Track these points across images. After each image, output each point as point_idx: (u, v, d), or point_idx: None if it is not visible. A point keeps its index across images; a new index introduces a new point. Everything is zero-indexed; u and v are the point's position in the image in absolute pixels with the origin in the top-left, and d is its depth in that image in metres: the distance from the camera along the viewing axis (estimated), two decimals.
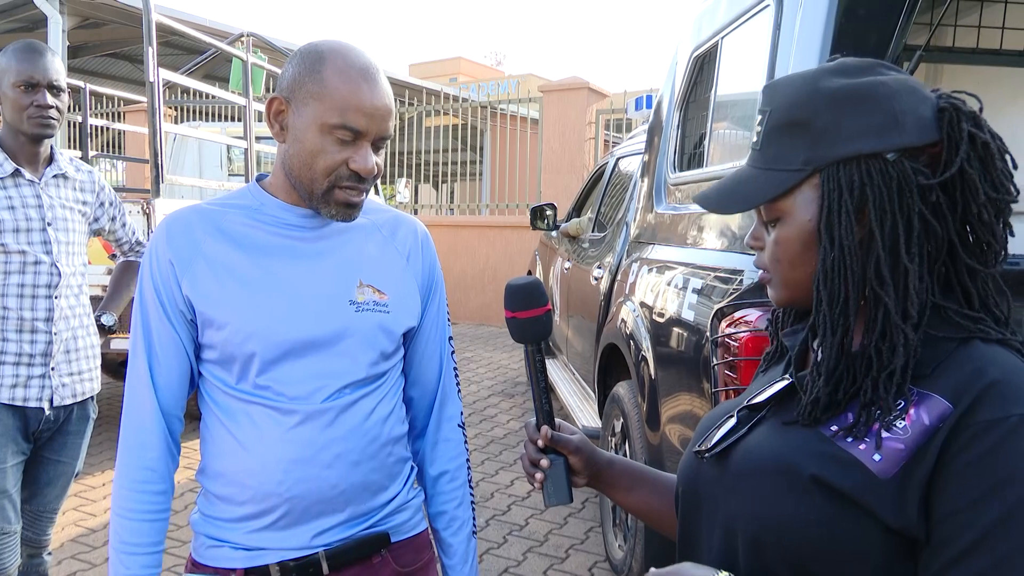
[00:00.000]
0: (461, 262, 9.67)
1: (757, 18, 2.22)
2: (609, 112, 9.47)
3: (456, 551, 1.33)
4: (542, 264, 5.93)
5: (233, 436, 1.14)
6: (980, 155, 0.74)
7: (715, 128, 2.53)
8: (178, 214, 1.17)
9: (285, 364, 1.13)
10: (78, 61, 12.40)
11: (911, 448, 0.70)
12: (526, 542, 3.38)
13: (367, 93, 1.09)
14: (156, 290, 1.14)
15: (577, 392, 4.37)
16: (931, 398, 0.71)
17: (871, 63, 0.79)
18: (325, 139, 1.09)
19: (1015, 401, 0.68)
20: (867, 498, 0.71)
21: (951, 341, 0.74)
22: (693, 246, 2.50)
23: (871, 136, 0.75)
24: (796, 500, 0.75)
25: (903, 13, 1.77)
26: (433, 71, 36.90)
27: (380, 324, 1.18)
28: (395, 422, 1.24)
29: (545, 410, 1.04)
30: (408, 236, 1.28)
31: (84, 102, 5.03)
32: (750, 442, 0.84)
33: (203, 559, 1.18)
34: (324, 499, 1.14)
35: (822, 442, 0.76)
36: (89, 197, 2.28)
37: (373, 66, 1.12)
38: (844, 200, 0.76)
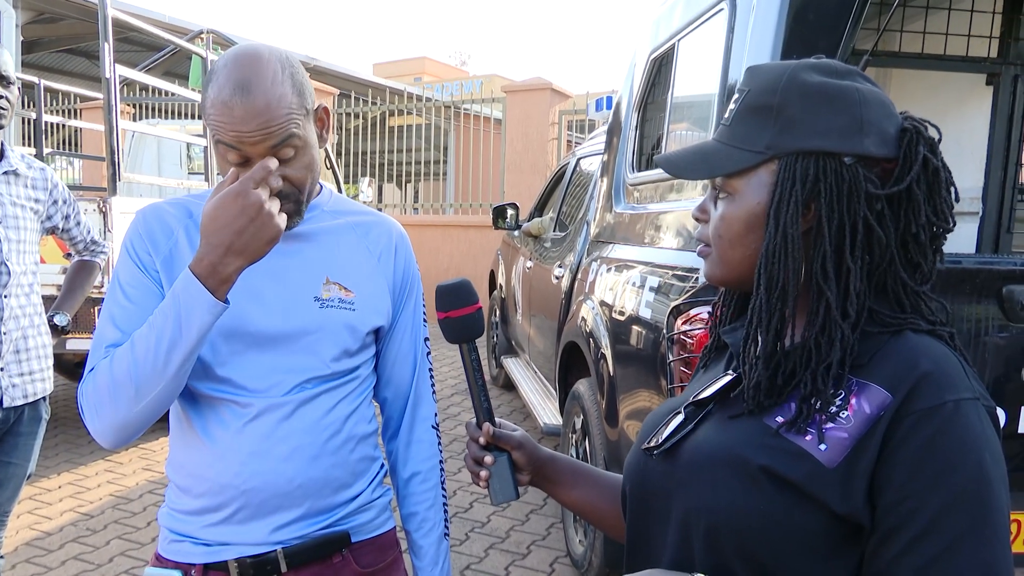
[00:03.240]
0: (425, 262, 9.65)
1: (712, 21, 2.26)
2: (572, 113, 9.53)
3: (427, 553, 1.33)
4: (504, 263, 5.95)
5: (194, 427, 1.15)
6: (929, 180, 0.77)
7: (672, 129, 2.57)
8: (155, 205, 1.18)
9: (246, 357, 1.13)
10: (33, 56, 12.13)
11: (855, 437, 0.73)
12: (487, 539, 3.39)
13: (237, 111, 1.02)
14: (133, 258, 1.13)
15: (539, 390, 4.40)
16: (871, 388, 0.74)
17: (851, 70, 0.81)
18: (223, 160, 1.07)
19: (948, 388, 0.71)
20: (815, 487, 0.73)
21: (883, 334, 0.78)
22: (651, 245, 2.54)
23: (834, 136, 0.78)
24: (747, 490, 0.77)
25: (851, 18, 1.83)
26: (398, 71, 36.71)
27: (345, 321, 1.19)
28: (360, 420, 1.23)
29: (485, 408, 1.04)
30: (381, 236, 1.27)
31: (39, 98, 4.94)
32: (699, 437, 0.85)
33: (166, 554, 1.18)
34: (280, 493, 1.14)
35: (769, 434, 0.78)
36: (42, 195, 2.24)
37: (254, 76, 1.04)
38: (795, 190, 0.78)
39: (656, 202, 2.60)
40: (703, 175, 0.86)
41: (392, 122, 11.77)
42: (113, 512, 3.61)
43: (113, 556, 3.17)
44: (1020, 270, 1.82)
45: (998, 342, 1.82)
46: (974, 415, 0.71)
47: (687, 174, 0.87)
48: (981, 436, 0.71)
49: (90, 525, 3.46)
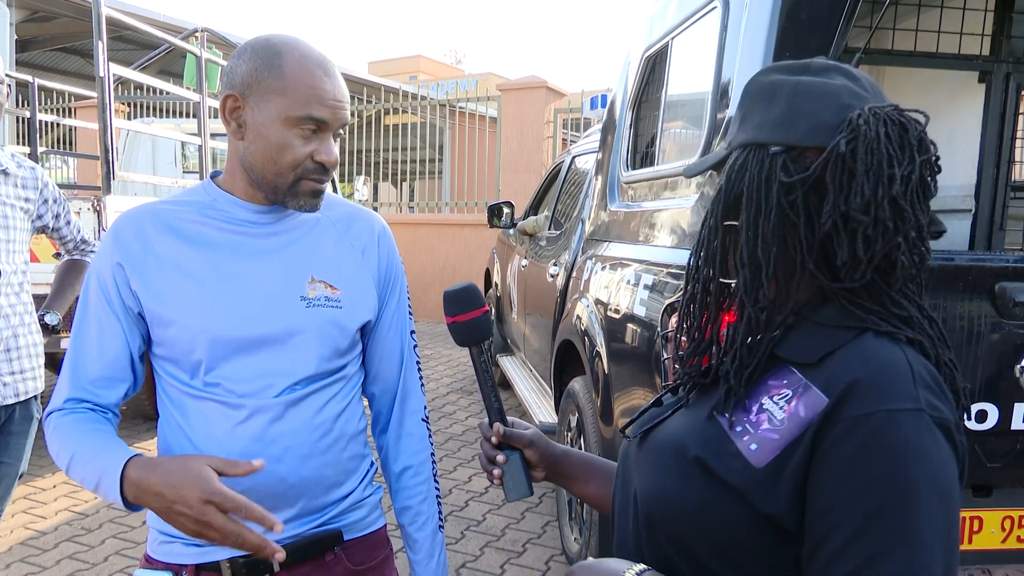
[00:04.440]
0: (421, 260, 9.65)
1: (705, 19, 2.27)
2: (567, 111, 9.53)
3: (422, 546, 1.33)
4: (500, 262, 5.95)
5: (184, 431, 1.14)
6: (848, 169, 0.74)
7: (666, 127, 2.57)
8: (130, 214, 1.17)
9: (235, 361, 1.13)
10: (27, 55, 12.09)
11: (785, 439, 0.73)
12: (484, 537, 3.40)
13: (328, 85, 1.11)
14: (101, 284, 1.14)
15: (534, 388, 4.40)
16: (811, 391, 0.73)
17: (827, 66, 0.81)
18: (289, 133, 1.09)
19: (881, 397, 0.69)
20: (740, 484, 0.74)
21: (847, 331, 0.76)
22: (645, 243, 2.54)
23: (766, 128, 0.80)
24: (681, 479, 0.79)
25: (843, 16, 1.83)
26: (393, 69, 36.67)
27: (332, 320, 1.18)
28: (351, 418, 1.23)
29: (496, 408, 1.07)
30: (364, 231, 1.27)
31: (33, 97, 4.92)
32: (665, 424, 0.88)
33: (156, 555, 1.18)
34: (274, 493, 1.14)
35: (713, 426, 0.80)
36: (32, 194, 2.24)
37: (327, 58, 1.14)
38: (722, 182, 0.83)
39: (650, 200, 2.60)
40: (693, 172, 0.95)
41: (387, 120, 11.76)
42: (108, 511, 3.61)
43: (108, 555, 3.16)
44: (1013, 267, 1.83)
45: (991, 339, 1.83)
46: (910, 427, 0.68)
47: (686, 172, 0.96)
48: (915, 449, 0.67)
49: (85, 524, 3.45)
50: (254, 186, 1.15)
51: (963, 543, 1.90)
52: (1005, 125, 2.57)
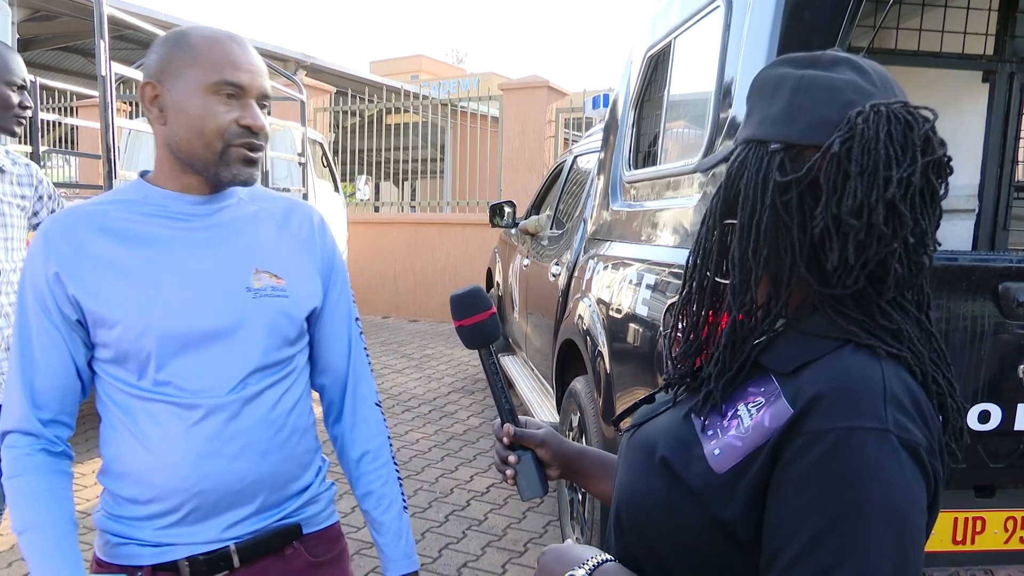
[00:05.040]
0: (422, 259, 9.64)
1: (708, 19, 2.26)
2: (568, 111, 9.52)
3: (388, 528, 1.33)
4: (501, 261, 5.95)
5: (134, 435, 1.12)
6: (843, 169, 0.71)
7: (669, 127, 2.57)
8: (58, 218, 1.14)
9: (184, 357, 1.12)
10: (29, 55, 12.09)
11: (747, 448, 0.71)
12: (485, 536, 3.40)
13: (239, 51, 1.12)
14: (38, 293, 1.12)
15: (536, 388, 4.40)
16: (779, 401, 0.71)
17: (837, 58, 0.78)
18: (210, 100, 1.10)
19: (843, 414, 0.66)
20: (699, 488, 0.73)
21: (830, 341, 0.73)
22: (647, 243, 2.54)
23: (766, 124, 0.77)
24: (648, 479, 0.79)
25: (847, 16, 1.82)
26: (395, 68, 36.67)
27: (280, 309, 1.18)
28: (302, 412, 1.24)
29: (507, 408, 1.07)
30: (304, 223, 1.28)
31: (35, 96, 4.92)
32: (653, 421, 0.87)
33: (108, 557, 1.16)
34: (233, 491, 1.14)
35: (687, 428, 0.79)
36: (28, 191, 2.25)
37: (234, 32, 1.15)
38: (723, 180, 0.81)
39: (653, 200, 2.60)
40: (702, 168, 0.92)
41: (389, 120, 11.76)
42: None
43: None
44: (1016, 267, 1.82)
45: (994, 340, 1.82)
46: (871, 447, 0.65)
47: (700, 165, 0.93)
48: (872, 469, 0.65)
49: (87, 524, 3.45)
50: (187, 172, 1.15)
51: (966, 543, 1.90)
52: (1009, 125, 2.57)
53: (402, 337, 8.34)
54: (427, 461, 4.35)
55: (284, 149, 6.86)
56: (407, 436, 4.80)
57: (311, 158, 7.20)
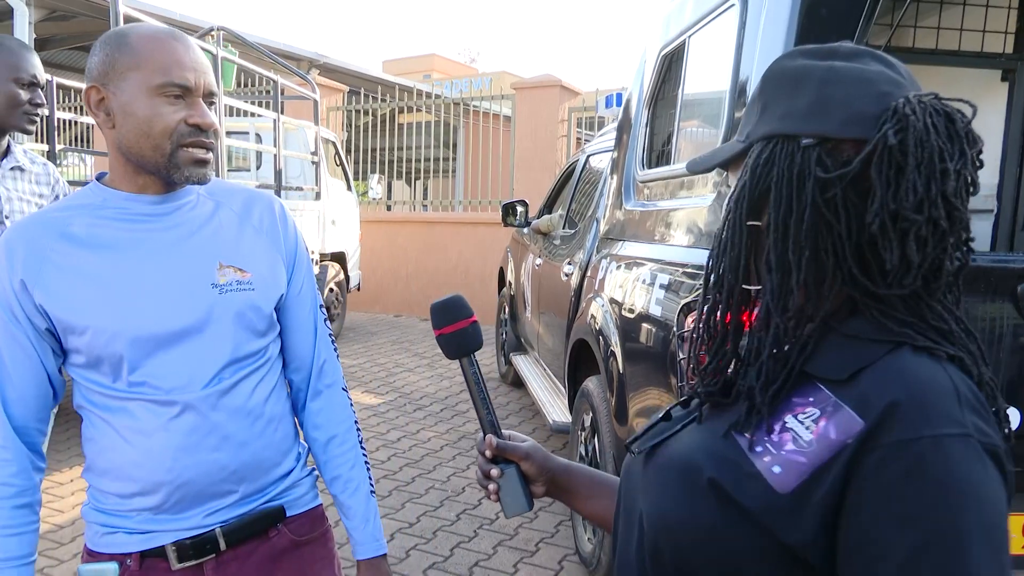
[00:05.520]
0: (434, 258, 9.65)
1: (723, 17, 2.25)
2: (581, 110, 9.50)
3: (356, 512, 1.34)
4: (514, 261, 5.94)
5: (116, 432, 1.14)
6: (896, 163, 0.68)
7: (683, 126, 2.55)
8: (18, 228, 1.14)
9: (157, 357, 1.13)
10: (45, 54, 12.18)
11: (813, 463, 0.66)
12: (496, 535, 3.39)
13: (181, 50, 1.11)
14: (6, 306, 1.11)
15: (548, 387, 4.39)
16: (842, 411, 0.66)
17: (857, 50, 0.75)
18: (155, 102, 1.09)
19: (925, 421, 0.62)
20: (759, 510, 0.67)
21: (881, 345, 0.69)
22: (661, 242, 2.53)
23: (794, 118, 0.73)
24: (693, 503, 0.72)
25: (864, 14, 1.81)
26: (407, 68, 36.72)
27: (247, 302, 1.19)
28: (278, 400, 1.26)
29: (489, 420, 1.03)
30: (265, 213, 1.27)
31: (51, 95, 4.95)
32: (675, 439, 0.81)
33: (97, 547, 1.18)
34: (215, 481, 1.16)
35: (730, 446, 0.73)
36: (45, 189, 2.27)
37: (175, 30, 1.14)
38: (746, 179, 0.75)
39: (666, 199, 2.59)
40: (699, 169, 0.86)
41: (401, 119, 11.78)
42: None
43: None
44: None
45: (1013, 341, 1.80)
46: (957, 454, 0.61)
47: (691, 167, 0.87)
48: (963, 480, 0.61)
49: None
50: (141, 174, 1.14)
51: None
52: None
53: (414, 336, 8.35)
54: (439, 460, 4.35)
55: (297, 148, 6.88)
56: (419, 435, 4.81)
57: (324, 157, 7.22)
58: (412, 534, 3.38)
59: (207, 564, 1.18)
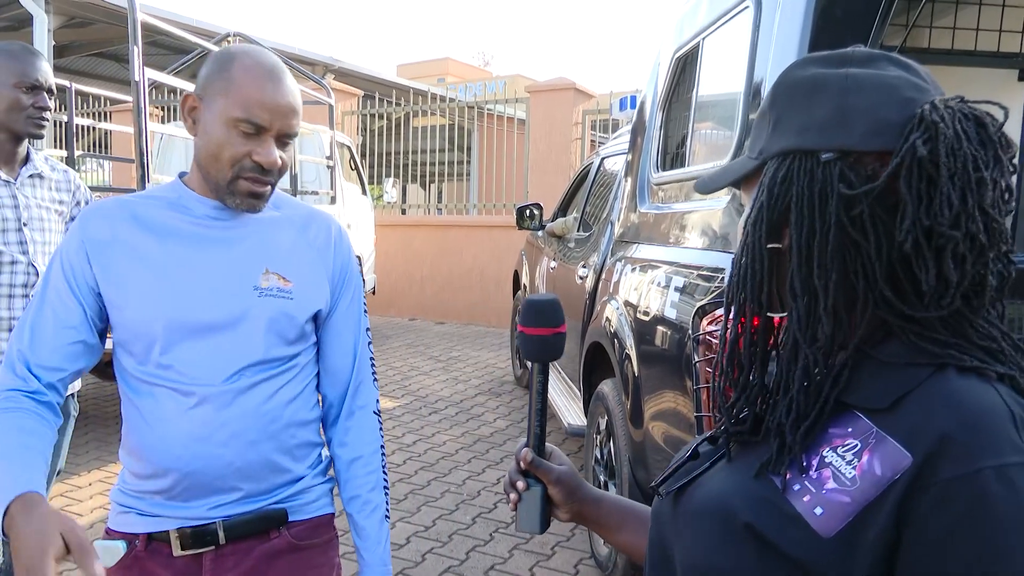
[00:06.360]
0: (449, 262, 9.67)
1: (737, 19, 2.25)
2: (595, 112, 9.50)
3: (369, 534, 1.37)
4: (528, 264, 5.95)
5: (140, 414, 1.21)
6: (926, 175, 0.63)
7: (697, 128, 2.55)
8: (99, 203, 1.24)
9: (186, 345, 1.19)
10: (64, 60, 12.32)
11: (860, 503, 0.61)
12: (512, 539, 3.39)
13: (270, 90, 1.16)
14: (67, 259, 1.20)
15: (563, 390, 4.39)
16: (887, 443, 0.61)
17: (873, 55, 0.70)
18: (230, 132, 1.16)
19: (984, 451, 0.57)
20: (804, 557, 0.62)
21: (922, 367, 0.64)
22: (676, 245, 2.52)
23: (813, 132, 0.68)
24: (730, 550, 0.67)
25: (879, 14, 1.80)
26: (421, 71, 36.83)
27: (282, 310, 1.24)
28: (302, 407, 1.29)
29: (536, 433, 0.99)
30: (321, 232, 1.33)
31: (70, 102, 5.00)
32: (705, 480, 0.76)
33: (114, 526, 1.26)
34: (220, 475, 1.21)
35: (765, 486, 0.68)
36: (65, 196, 2.28)
37: (279, 67, 1.20)
38: (763, 199, 0.70)
39: (681, 202, 2.58)
40: (709, 188, 0.80)
41: (416, 123, 11.80)
42: None
43: None
44: None
45: None
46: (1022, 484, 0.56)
47: (700, 187, 0.82)
48: None
49: None
50: (206, 182, 1.22)
51: None
52: None
53: (429, 339, 8.37)
54: (454, 463, 4.36)
55: (312, 152, 6.92)
56: (434, 438, 4.82)
57: (339, 161, 7.25)
58: (427, 538, 3.39)
59: (206, 555, 1.23)
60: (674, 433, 2.30)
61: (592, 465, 3.32)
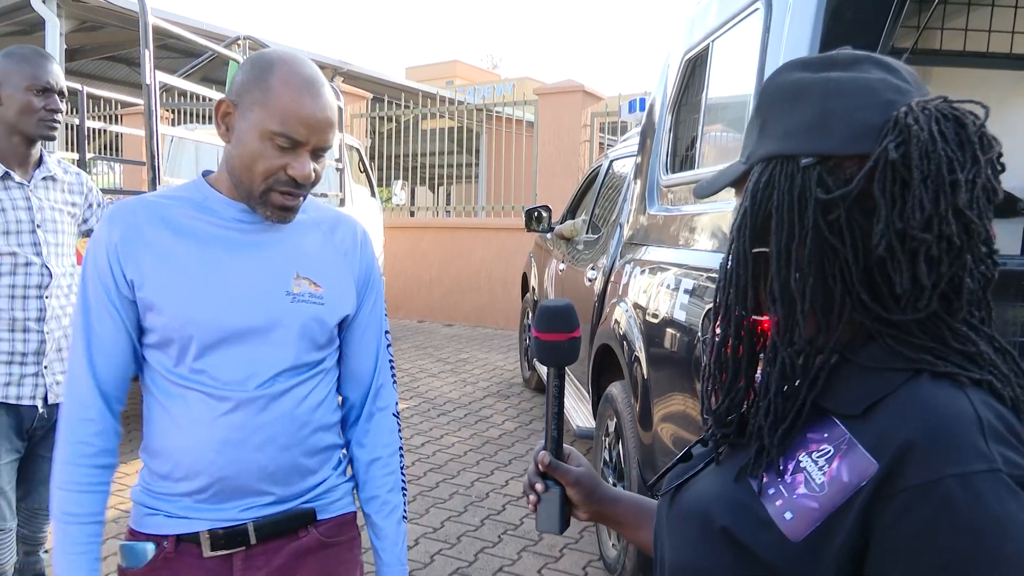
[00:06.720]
0: (457, 264, 9.68)
1: (747, 21, 2.24)
2: (604, 115, 9.49)
3: (387, 534, 1.39)
4: (537, 266, 5.94)
5: (171, 416, 1.20)
6: (900, 178, 0.63)
7: (707, 130, 2.55)
8: (124, 203, 1.22)
9: (220, 350, 1.19)
10: (75, 64, 12.40)
11: (827, 509, 0.62)
12: (520, 541, 3.39)
13: (308, 105, 1.14)
14: (100, 273, 1.19)
15: (571, 393, 4.39)
16: (856, 451, 0.62)
17: (857, 57, 0.70)
18: (265, 144, 1.14)
19: (947, 459, 0.57)
20: (773, 560, 0.64)
21: (898, 373, 0.64)
22: (685, 247, 2.52)
23: (794, 137, 0.68)
24: (708, 552, 0.69)
25: (890, 16, 1.79)
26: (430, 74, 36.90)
27: (314, 315, 1.25)
28: (327, 410, 1.30)
29: (553, 436, 1.01)
30: (347, 235, 1.34)
31: (82, 105, 5.03)
32: (694, 482, 0.78)
33: (139, 527, 1.24)
34: (253, 480, 1.22)
35: (742, 490, 0.69)
36: (78, 199, 2.30)
37: (318, 79, 1.18)
38: (747, 204, 0.71)
39: (690, 203, 2.58)
40: (705, 193, 0.82)
41: (424, 125, 11.82)
42: None
43: None
44: None
45: None
46: (987, 493, 0.56)
47: (697, 192, 0.83)
48: (995, 521, 0.55)
49: None
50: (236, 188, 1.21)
51: None
52: None
53: (437, 341, 8.38)
54: (462, 465, 4.36)
55: None
56: (442, 440, 4.82)
57: (348, 164, 7.27)
58: (436, 539, 3.39)
59: (236, 555, 1.23)
60: (683, 436, 2.30)
61: (601, 467, 3.31)
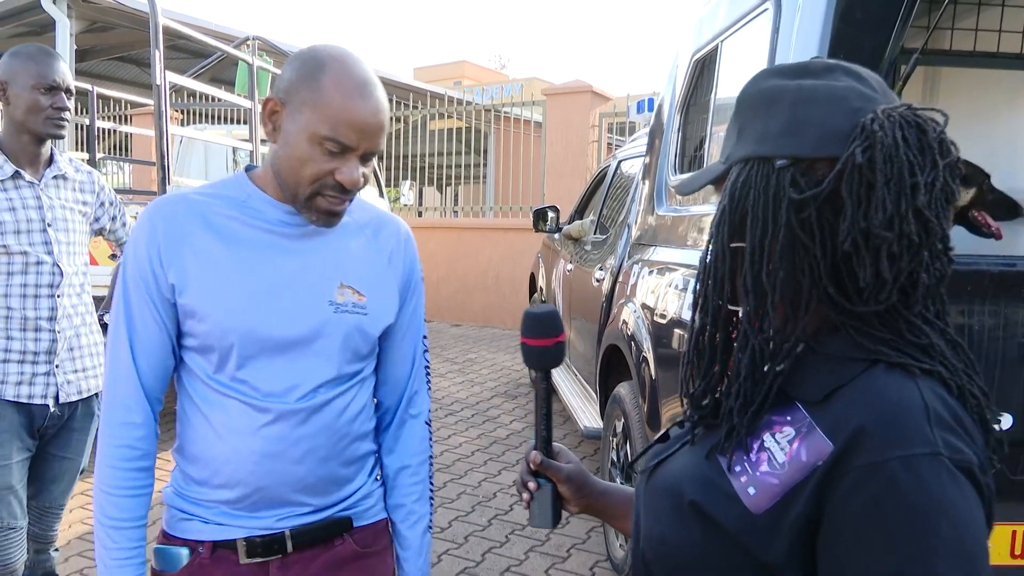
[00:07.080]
0: (465, 264, 9.69)
1: (756, 21, 2.24)
2: (612, 115, 9.49)
3: (411, 544, 1.37)
4: (544, 266, 5.95)
5: (209, 423, 1.18)
6: (865, 180, 0.68)
7: (715, 131, 2.54)
8: (165, 202, 1.18)
9: (262, 360, 1.16)
10: (86, 64, 12.46)
11: (785, 485, 0.68)
12: (528, 541, 3.39)
13: (361, 109, 1.09)
14: (141, 273, 1.16)
15: (579, 393, 4.39)
16: (815, 433, 0.68)
17: (829, 65, 0.76)
18: (314, 148, 1.10)
19: (893, 442, 0.63)
20: (737, 530, 0.70)
21: (857, 363, 0.70)
22: (693, 248, 2.51)
23: (769, 140, 0.74)
24: (678, 525, 0.75)
25: (900, 16, 1.79)
26: (438, 74, 36.95)
27: (357, 326, 1.22)
28: (365, 418, 1.28)
29: (543, 436, 1.05)
30: (391, 237, 1.30)
31: (92, 105, 5.06)
32: (669, 461, 0.84)
33: (174, 531, 1.22)
34: (291, 491, 1.20)
35: (712, 467, 0.75)
36: (89, 197, 2.31)
37: (371, 80, 1.12)
38: (725, 202, 0.76)
39: (699, 204, 2.58)
40: (688, 190, 0.89)
41: (432, 126, 11.84)
42: (163, 506, 3.69)
43: None
44: None
45: None
46: (927, 475, 0.61)
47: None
48: (934, 500, 0.61)
49: None
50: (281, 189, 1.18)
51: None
52: None
53: (445, 341, 8.39)
54: (470, 465, 4.37)
55: None
56: (450, 440, 4.83)
57: None
58: (444, 539, 3.40)
59: (272, 563, 1.21)
60: None
61: (609, 468, 3.31)
